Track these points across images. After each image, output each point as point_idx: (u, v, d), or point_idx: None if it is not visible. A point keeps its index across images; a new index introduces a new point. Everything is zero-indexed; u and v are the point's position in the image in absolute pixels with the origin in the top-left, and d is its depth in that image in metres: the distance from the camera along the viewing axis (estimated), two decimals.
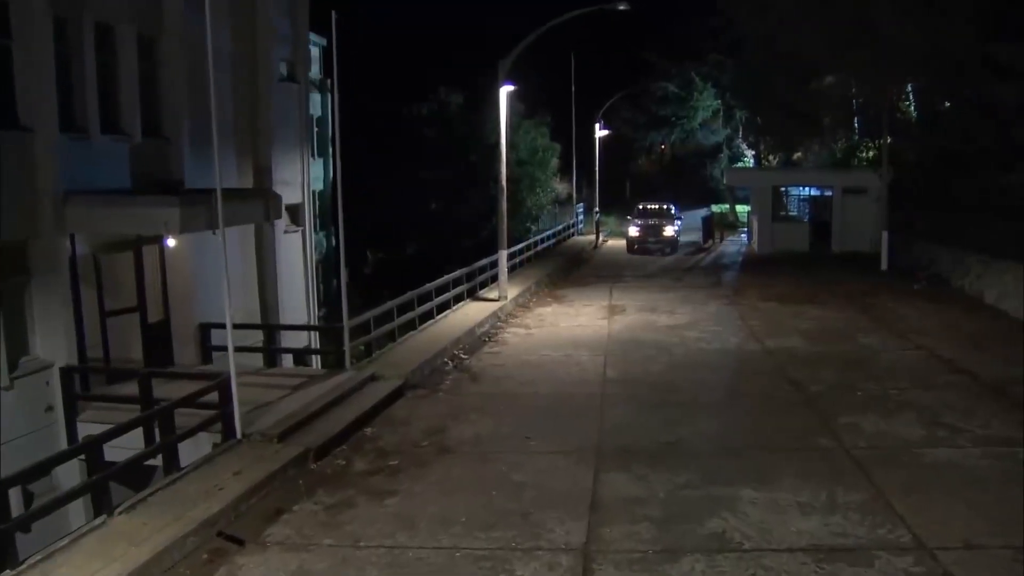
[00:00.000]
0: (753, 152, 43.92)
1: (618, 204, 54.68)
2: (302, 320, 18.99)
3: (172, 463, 10.04)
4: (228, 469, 9.97)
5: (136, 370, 11.91)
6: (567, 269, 30.51)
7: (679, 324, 19.28)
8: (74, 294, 12.52)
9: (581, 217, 43.78)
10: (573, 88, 42.91)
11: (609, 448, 10.88)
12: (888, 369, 14.55)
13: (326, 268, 41.95)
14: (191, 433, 10.38)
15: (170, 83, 14.18)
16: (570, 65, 41.47)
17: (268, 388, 13.20)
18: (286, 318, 18.21)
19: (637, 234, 34.56)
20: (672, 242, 33.94)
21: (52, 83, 11.67)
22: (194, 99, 14.76)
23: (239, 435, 10.86)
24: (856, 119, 32.47)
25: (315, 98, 39.72)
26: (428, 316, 19.42)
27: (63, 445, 11.56)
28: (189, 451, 10.88)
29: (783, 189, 32.54)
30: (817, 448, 10.64)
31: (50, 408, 11.72)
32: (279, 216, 14.58)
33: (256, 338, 15.62)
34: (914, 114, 30.75)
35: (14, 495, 8.95)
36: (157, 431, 10.32)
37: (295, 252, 19.08)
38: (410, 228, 43.92)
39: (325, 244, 41.83)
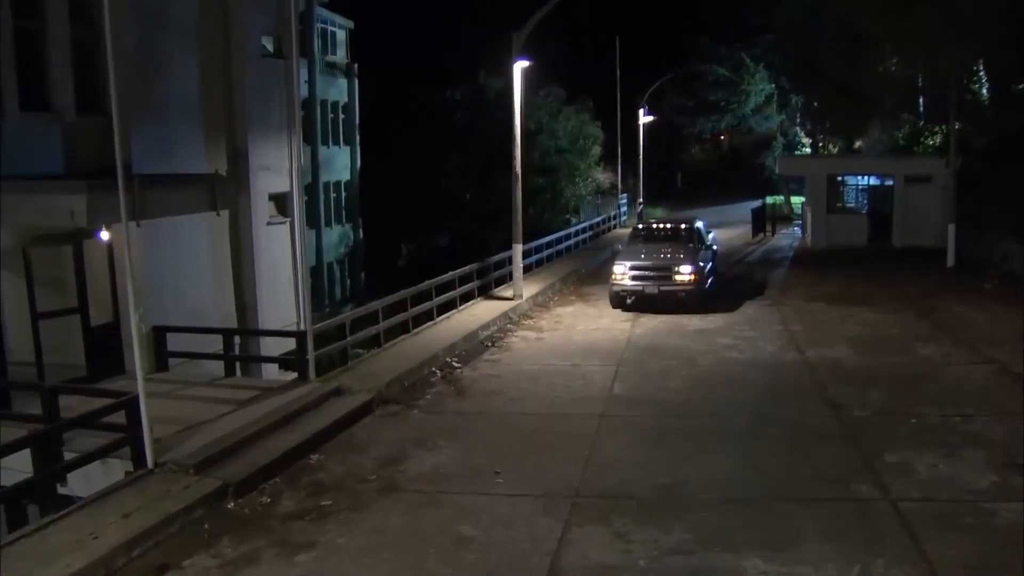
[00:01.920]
0: (810, 140, 40.89)
1: (668, 196, 52.09)
2: (289, 322, 17.22)
3: (49, 500, 8.28)
4: (120, 509, 8.19)
5: (38, 383, 10.20)
6: (600, 264, 28.31)
7: (710, 328, 17.02)
8: None
9: (624, 208, 41.40)
10: (618, 72, 40.52)
11: (591, 491, 8.82)
12: (951, 389, 12.12)
13: (352, 263, 40.49)
14: (80, 462, 8.64)
15: (115, 55, 12.42)
16: (614, 49, 39.07)
17: (211, 403, 11.46)
18: (268, 319, 16.50)
19: (627, 279, 18.53)
20: (693, 288, 18.20)
21: None
22: (146, 73, 13.09)
23: (150, 464, 9.10)
24: (920, 101, 29.42)
25: (340, 83, 38.22)
26: (429, 317, 17.52)
27: None
28: (100, 482, 9.22)
29: (839, 178, 29.69)
30: (854, 498, 8.40)
31: None
32: (230, 205, 12.77)
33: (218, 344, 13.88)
34: (986, 95, 27.66)
35: None
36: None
37: (281, 246, 17.29)
38: (442, 219, 42.09)
39: (352, 236, 40.34)
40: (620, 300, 18.83)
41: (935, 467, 9.05)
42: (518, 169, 20.23)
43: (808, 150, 40.61)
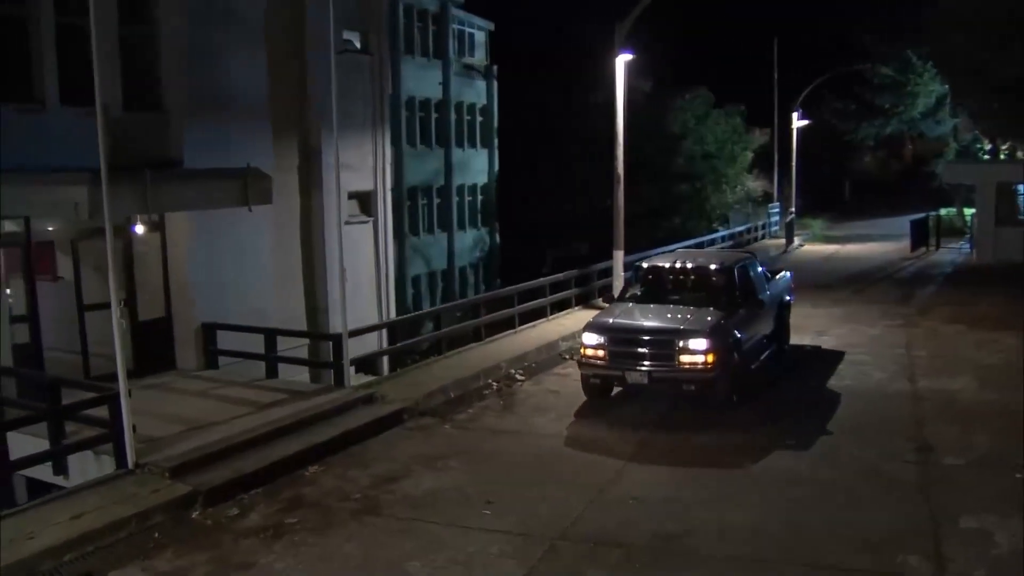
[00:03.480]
0: (991, 145, 36.51)
1: (833, 207, 48.39)
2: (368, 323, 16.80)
3: (9, 495, 8.05)
4: (74, 509, 7.84)
5: (40, 375, 10.13)
6: None
7: (821, 349, 15.09)
8: (30, 285, 11.03)
9: (775, 218, 38.74)
10: (775, 74, 37.97)
11: (579, 534, 7.58)
12: None
13: (488, 267, 40.17)
14: (45, 458, 8.37)
15: (170, 52, 12.45)
16: (767, 48, 36.62)
17: (231, 404, 11.11)
18: (341, 321, 16.13)
19: (602, 354, 11.12)
20: (710, 375, 10.62)
21: None
22: (204, 68, 12.99)
23: (130, 464, 8.74)
24: None
25: (479, 85, 38.06)
26: (511, 325, 16.63)
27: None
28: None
29: (1016, 187, 26.11)
30: (895, 573, 6.70)
31: None
32: (266, 201, 12.37)
33: (285, 345, 13.49)
34: None
35: None
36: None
37: (362, 246, 16.96)
38: (584, 225, 41.08)
39: (488, 241, 40.05)
40: (597, 388, 11.47)
41: (1020, 539, 7.13)
42: (620, 170, 19.09)
43: (987, 157, 36.31)
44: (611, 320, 11.66)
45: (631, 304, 12.35)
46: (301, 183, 15.50)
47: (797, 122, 35.97)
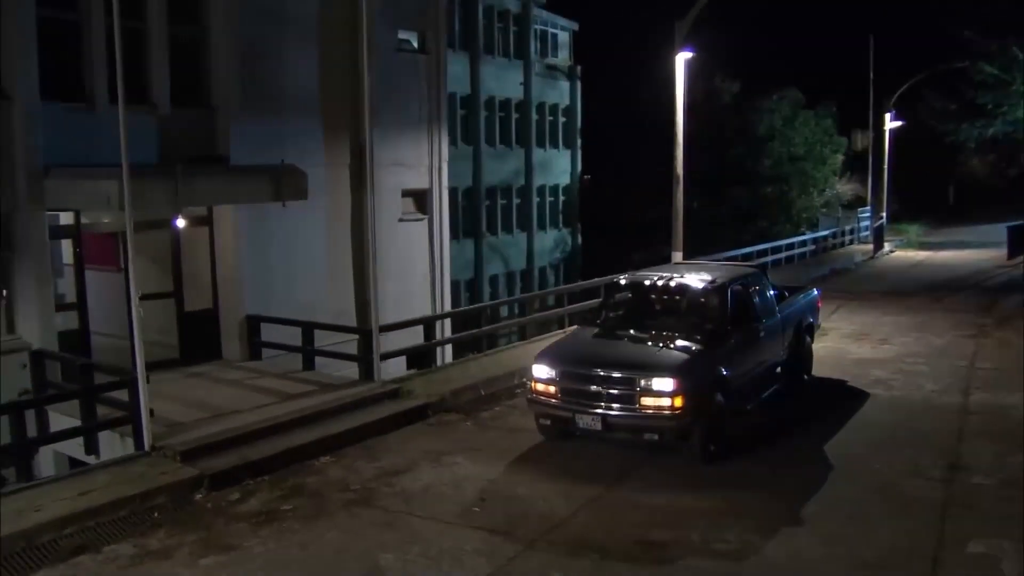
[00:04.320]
0: None
1: (935, 212, 46.13)
2: None
3: (26, 469, 8.53)
4: (83, 486, 8.25)
5: (69, 357, 10.65)
6: (808, 280, 25.45)
7: (877, 358, 14.42)
8: (79, 275, 11.65)
9: (866, 223, 37.22)
10: (871, 75, 36.49)
11: (562, 536, 7.47)
12: None
13: (568, 268, 40.03)
14: (60, 438, 8.84)
15: (218, 50, 12.91)
16: (860, 46, 35.25)
17: (259, 393, 11.46)
18: (393, 317, 16.37)
19: (554, 392, 9.31)
20: (673, 423, 8.69)
21: (33, 50, 10.81)
22: (253, 67, 13.42)
23: (146, 446, 9.11)
24: None
25: (562, 86, 38.00)
26: (563, 325, 16.57)
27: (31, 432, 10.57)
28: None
29: None
30: None
31: (26, 392, 10.85)
32: (301, 196, 12.66)
33: (335, 339, 13.67)
34: None
35: None
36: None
37: (416, 244, 17.18)
38: (670, 226, 40.47)
39: (569, 241, 39.94)
40: (549, 431, 9.77)
41: None
42: (679, 171, 18.67)
43: None
44: (566, 350, 9.94)
45: (596, 329, 10.46)
46: (352, 180, 15.80)
47: (891, 123, 34.42)
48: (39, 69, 10.91)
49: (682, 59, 18.13)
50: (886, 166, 34.47)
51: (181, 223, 12.30)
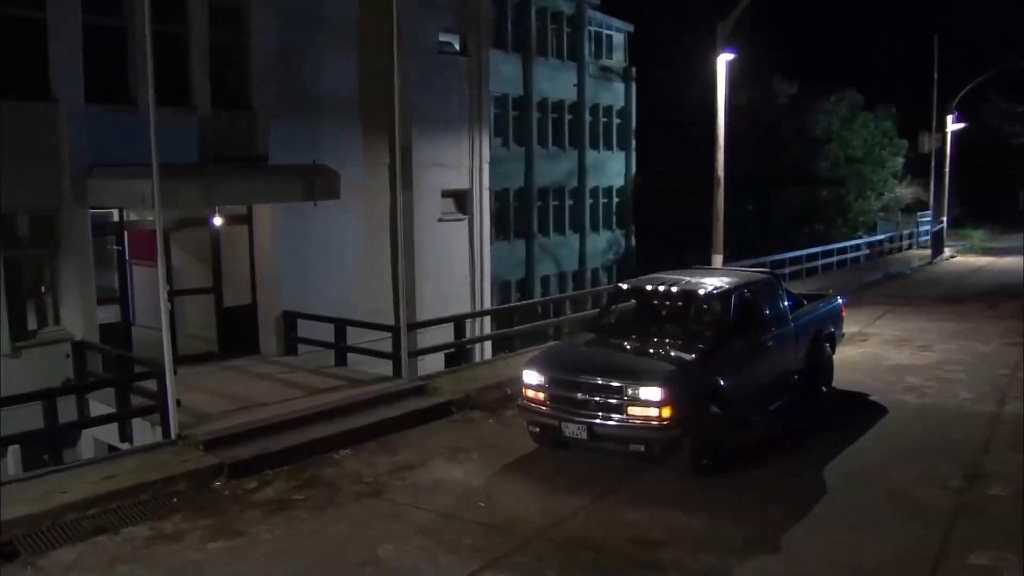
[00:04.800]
0: None
1: (1002, 217, 44.54)
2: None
3: (57, 453, 9.01)
4: (109, 471, 8.68)
5: (110, 350, 11.14)
6: (860, 284, 25.08)
7: (915, 364, 14.15)
8: (120, 270, 12.18)
9: (925, 227, 36.27)
10: (936, 75, 35.57)
11: (558, 534, 7.57)
12: None
13: (621, 270, 39.87)
14: (79, 426, 9.33)
15: (258, 53, 13.33)
16: (922, 47, 34.31)
17: (286, 387, 11.87)
18: (430, 314, 16.68)
19: (544, 400, 9.16)
20: (660, 435, 8.42)
21: (78, 55, 11.36)
22: (292, 70, 13.82)
23: (173, 435, 9.51)
24: None
25: (616, 87, 37.90)
26: None
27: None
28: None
29: None
30: None
31: (68, 380, 11.41)
32: (333, 196, 12.98)
33: (371, 336, 13.94)
34: None
35: None
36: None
37: (456, 243, 17.44)
38: (726, 228, 40.04)
39: (622, 243, 39.81)
40: (541, 439, 9.60)
41: None
42: (720, 173, 18.55)
43: None
44: (556, 356, 9.80)
45: (592, 336, 10.28)
46: (391, 180, 16.10)
47: (953, 125, 33.48)
48: (84, 72, 11.43)
49: (723, 60, 18.10)
50: (947, 169, 33.53)
51: (218, 221, 12.76)
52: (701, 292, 10.16)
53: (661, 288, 10.46)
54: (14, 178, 11.01)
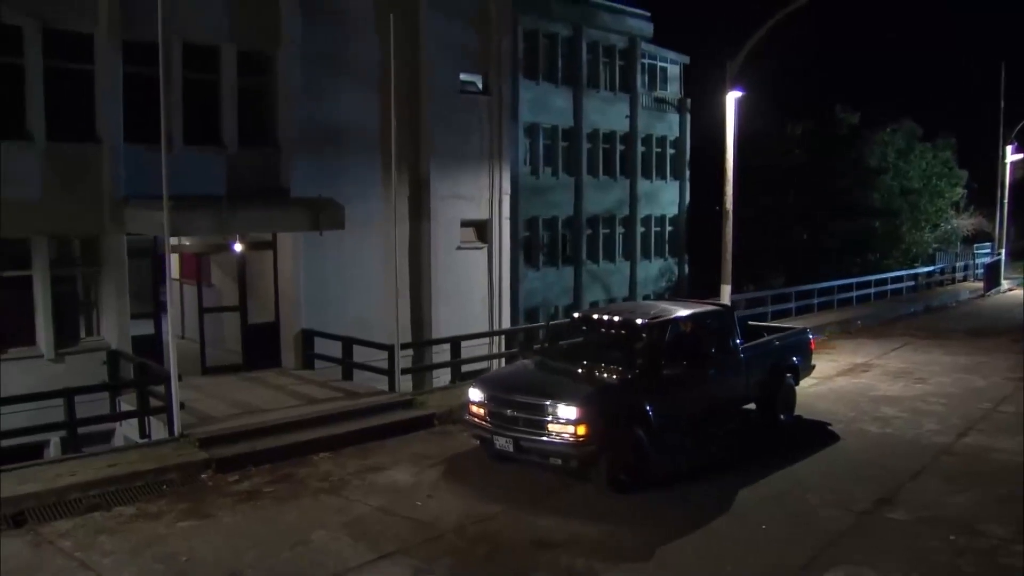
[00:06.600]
0: None
1: None
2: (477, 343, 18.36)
3: (72, 444, 10.56)
4: (114, 460, 10.15)
5: (132, 358, 12.72)
6: (893, 316, 25.28)
7: (900, 396, 14.66)
8: (154, 288, 13.87)
9: (982, 260, 35.64)
10: (1002, 103, 35.20)
11: (463, 535, 8.62)
12: None
13: (676, 298, 40.33)
14: (89, 422, 10.92)
15: (283, 95, 14.88)
16: (982, 75, 34.02)
17: (289, 397, 13.18)
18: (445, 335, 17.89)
19: (484, 414, 10.22)
20: (574, 451, 9.41)
21: (119, 99, 13.05)
22: (318, 109, 15.32)
23: (176, 433, 10.95)
24: None
25: (671, 118, 38.55)
26: None
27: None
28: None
29: None
30: None
31: (103, 384, 13.05)
32: (338, 226, 14.29)
33: (379, 355, 15.06)
34: None
35: None
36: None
37: (475, 270, 18.64)
38: (777, 260, 40.25)
39: (675, 271, 40.31)
40: (484, 449, 10.57)
41: None
42: (729, 205, 19.25)
43: None
44: (498, 377, 11.30)
45: (535, 359, 11.22)
46: (412, 211, 17.46)
47: (1012, 156, 33.01)
48: (124, 115, 13.16)
49: (732, 98, 18.93)
50: (1006, 200, 33.05)
51: (239, 247, 14.27)
52: (638, 322, 10.96)
53: (606, 317, 11.49)
54: (64, 207, 12.82)
